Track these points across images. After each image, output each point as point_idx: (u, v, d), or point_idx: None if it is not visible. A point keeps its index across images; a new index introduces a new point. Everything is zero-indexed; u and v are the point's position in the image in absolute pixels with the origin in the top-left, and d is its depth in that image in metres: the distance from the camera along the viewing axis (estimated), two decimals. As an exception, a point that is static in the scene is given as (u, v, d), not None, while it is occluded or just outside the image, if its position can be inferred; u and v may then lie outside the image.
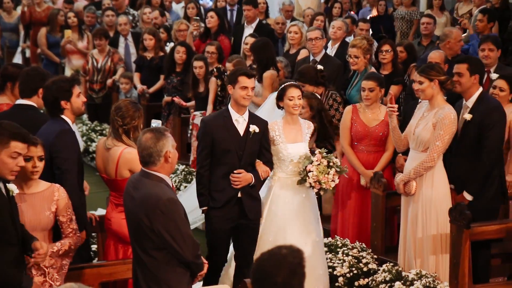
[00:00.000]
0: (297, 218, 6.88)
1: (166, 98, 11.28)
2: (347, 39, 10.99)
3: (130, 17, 13.87)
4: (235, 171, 6.65)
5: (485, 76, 8.43)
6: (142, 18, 13.72)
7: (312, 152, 6.94)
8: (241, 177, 6.66)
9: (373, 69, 8.98)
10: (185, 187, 9.79)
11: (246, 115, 6.73)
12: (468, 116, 7.00)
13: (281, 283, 3.51)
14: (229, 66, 9.83)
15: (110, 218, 6.52)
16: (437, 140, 6.79)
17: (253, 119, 6.78)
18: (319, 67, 8.70)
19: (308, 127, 7.06)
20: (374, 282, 6.96)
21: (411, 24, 13.32)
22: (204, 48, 11.00)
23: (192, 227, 8.59)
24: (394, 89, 8.79)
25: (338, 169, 6.84)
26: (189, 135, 10.77)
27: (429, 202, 6.88)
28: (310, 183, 6.80)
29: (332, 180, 6.82)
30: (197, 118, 10.57)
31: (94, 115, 12.58)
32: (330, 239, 7.58)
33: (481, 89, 7.12)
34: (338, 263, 7.22)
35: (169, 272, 5.21)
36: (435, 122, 6.83)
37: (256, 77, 6.85)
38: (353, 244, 7.44)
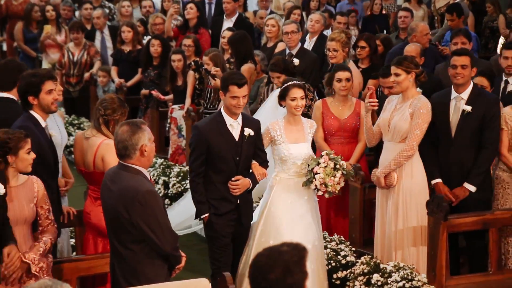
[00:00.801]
0: (297, 221, 6.72)
1: (144, 91, 11.26)
2: (325, 33, 11.00)
3: (107, 10, 13.79)
4: (233, 179, 6.54)
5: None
6: (120, 11, 13.66)
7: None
8: (240, 184, 6.56)
9: (351, 63, 9.01)
10: (164, 181, 9.78)
11: (239, 119, 6.61)
12: (468, 108, 7.03)
13: (273, 280, 3.38)
14: (205, 60, 9.80)
15: (89, 212, 6.51)
16: (416, 128, 6.86)
17: (246, 121, 6.66)
18: (295, 61, 8.72)
19: (310, 126, 6.92)
20: (352, 274, 6.98)
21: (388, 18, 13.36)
22: (181, 41, 10.99)
23: (189, 231, 8.61)
24: (371, 83, 8.81)
25: (344, 172, 6.73)
26: (167, 128, 10.75)
27: (409, 193, 6.93)
28: (316, 185, 6.66)
29: (338, 183, 6.70)
30: (175, 111, 10.57)
31: (71, 109, 12.52)
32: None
33: (472, 81, 7.20)
34: (316, 255, 7.24)
35: (147, 265, 5.20)
36: (411, 112, 6.89)
37: (247, 83, 6.69)
38: (331, 237, 7.46)
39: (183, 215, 8.70)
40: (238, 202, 6.59)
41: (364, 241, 7.61)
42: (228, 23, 12.08)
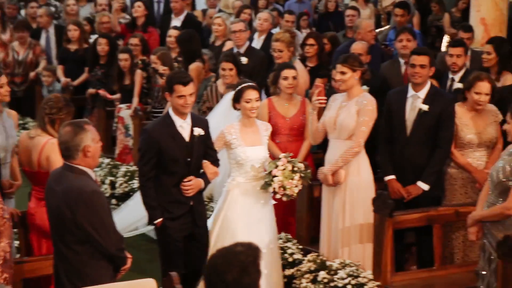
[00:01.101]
0: (253, 226, 6.64)
1: (90, 91, 11.17)
2: (273, 31, 11.02)
3: (52, 9, 13.64)
4: (185, 180, 6.39)
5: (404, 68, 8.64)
6: (65, 10, 13.51)
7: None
8: (193, 185, 6.41)
9: (298, 61, 9.04)
10: (111, 180, 9.71)
11: (189, 119, 6.45)
12: (425, 107, 7.12)
13: (231, 281, 3.38)
14: (153, 59, 9.78)
15: (33, 213, 6.45)
16: (362, 125, 6.92)
17: (195, 121, 6.50)
18: (243, 59, 8.72)
19: (266, 129, 6.84)
20: (299, 272, 7.02)
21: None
22: (128, 40, 10.94)
23: (136, 232, 8.51)
24: (319, 82, 8.86)
25: (302, 175, 6.64)
26: (114, 128, 10.68)
27: (356, 190, 6.99)
28: (274, 188, 6.58)
29: (296, 186, 6.63)
30: (122, 111, 10.50)
31: (16, 109, 12.29)
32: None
33: (429, 81, 7.29)
34: (263, 254, 7.25)
35: (92, 266, 5.16)
36: (358, 109, 6.95)
37: (193, 81, 6.56)
38: (278, 235, 7.48)
39: (130, 217, 8.63)
40: (191, 203, 6.46)
41: (311, 239, 7.64)
42: (176, 21, 12.07)
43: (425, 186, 7.13)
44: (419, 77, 7.15)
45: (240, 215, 6.66)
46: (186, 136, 6.42)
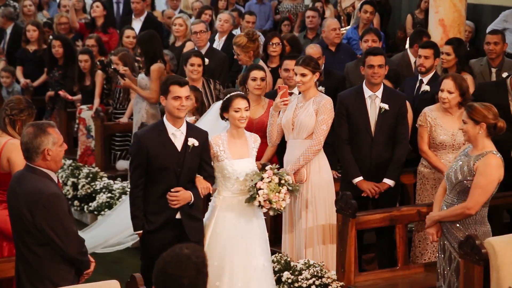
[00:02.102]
0: (243, 241, 6.34)
1: (49, 93, 11.09)
2: (234, 32, 11.04)
3: (11, 9, 13.48)
4: (172, 190, 6.12)
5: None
6: (22, 11, 13.37)
7: (263, 168, 6.47)
8: (179, 196, 6.12)
9: (261, 62, 9.06)
10: (73, 182, 9.63)
11: (183, 128, 6.17)
12: (385, 106, 7.23)
13: (187, 284, 3.39)
14: (115, 59, 9.74)
15: (-6, 215, 6.37)
16: (322, 124, 7.00)
17: (192, 131, 6.22)
18: (205, 60, 8.74)
19: (254, 140, 6.53)
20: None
21: (296, 18, 13.49)
22: (84, 41, 10.90)
23: (122, 246, 8.16)
24: (281, 82, 8.88)
25: (290, 188, 6.35)
26: (75, 129, 10.61)
27: (318, 188, 7.04)
28: (259, 202, 6.25)
29: (283, 200, 6.32)
30: (83, 112, 10.43)
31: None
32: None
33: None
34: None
35: (53, 268, 5.14)
36: (316, 108, 7.03)
37: (188, 84, 6.24)
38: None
39: (112, 231, 8.27)
40: (178, 216, 6.17)
41: (274, 239, 7.66)
42: (137, 22, 12.03)
43: (391, 182, 7.25)
44: (378, 77, 7.26)
45: (228, 231, 6.36)
46: (178, 145, 6.16)
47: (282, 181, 6.34)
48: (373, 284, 6.79)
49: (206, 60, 8.96)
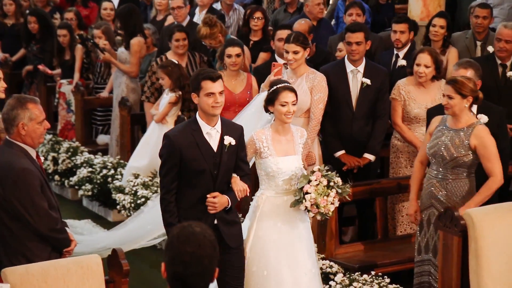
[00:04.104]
0: (290, 247, 5.86)
1: (28, 67, 11.03)
2: (214, 6, 10.98)
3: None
4: (208, 195, 5.58)
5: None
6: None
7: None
8: (217, 202, 5.59)
9: (232, 36, 9.03)
10: (53, 157, 9.61)
11: (218, 126, 5.62)
12: (367, 81, 7.25)
13: (207, 263, 3.33)
14: (97, 33, 9.70)
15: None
16: (319, 103, 7.09)
17: (227, 128, 5.67)
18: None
19: (301, 135, 5.99)
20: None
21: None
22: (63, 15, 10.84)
23: (151, 243, 7.63)
24: (263, 56, 8.88)
25: (339, 190, 5.81)
26: (55, 103, 10.57)
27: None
28: (306, 207, 5.76)
29: (332, 203, 5.79)
30: (63, 86, 10.39)
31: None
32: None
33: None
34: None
35: (26, 245, 5.14)
36: (310, 86, 7.07)
37: (220, 77, 5.67)
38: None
39: (134, 233, 7.71)
40: (215, 222, 5.64)
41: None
42: (116, -5, 11.94)
43: (371, 157, 7.32)
44: (356, 54, 7.26)
45: (272, 234, 5.87)
46: (214, 145, 5.61)
47: (331, 184, 5.80)
48: (354, 256, 6.83)
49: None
